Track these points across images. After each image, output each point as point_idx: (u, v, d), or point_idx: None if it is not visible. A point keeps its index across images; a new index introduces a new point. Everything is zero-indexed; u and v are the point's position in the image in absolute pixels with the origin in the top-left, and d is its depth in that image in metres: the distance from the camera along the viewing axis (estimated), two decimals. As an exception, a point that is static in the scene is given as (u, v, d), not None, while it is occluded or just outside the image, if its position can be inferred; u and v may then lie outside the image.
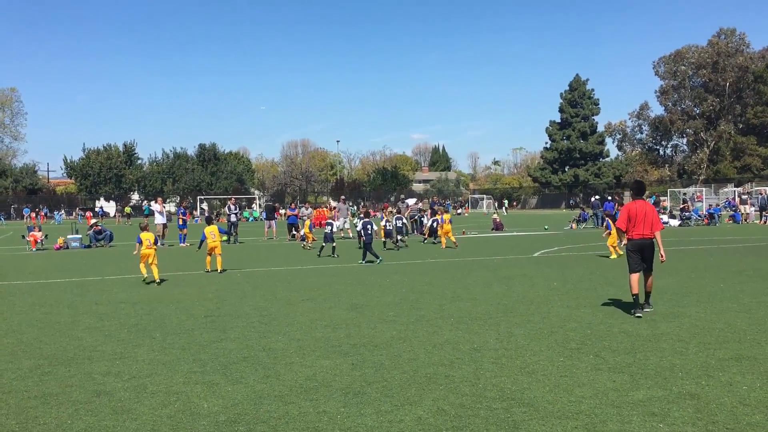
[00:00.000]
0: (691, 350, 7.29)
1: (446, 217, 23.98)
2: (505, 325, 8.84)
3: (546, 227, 37.11)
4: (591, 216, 38.89)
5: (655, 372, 6.45)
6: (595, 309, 10.02)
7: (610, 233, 18.41)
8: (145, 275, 14.34)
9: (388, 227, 23.48)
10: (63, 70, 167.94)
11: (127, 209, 66.44)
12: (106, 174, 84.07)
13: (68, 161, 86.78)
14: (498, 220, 35.67)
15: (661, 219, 37.83)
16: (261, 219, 49.73)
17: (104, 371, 6.78)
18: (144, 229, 14.80)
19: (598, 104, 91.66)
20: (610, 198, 40.36)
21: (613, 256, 17.90)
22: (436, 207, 27.28)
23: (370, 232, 18.48)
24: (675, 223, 37.67)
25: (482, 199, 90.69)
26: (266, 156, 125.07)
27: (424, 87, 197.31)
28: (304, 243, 23.69)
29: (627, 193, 77.19)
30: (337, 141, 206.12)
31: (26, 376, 6.65)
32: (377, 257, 18.13)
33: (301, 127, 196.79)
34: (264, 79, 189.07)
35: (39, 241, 25.93)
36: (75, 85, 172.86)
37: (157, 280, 14.13)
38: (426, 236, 25.69)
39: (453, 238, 23.31)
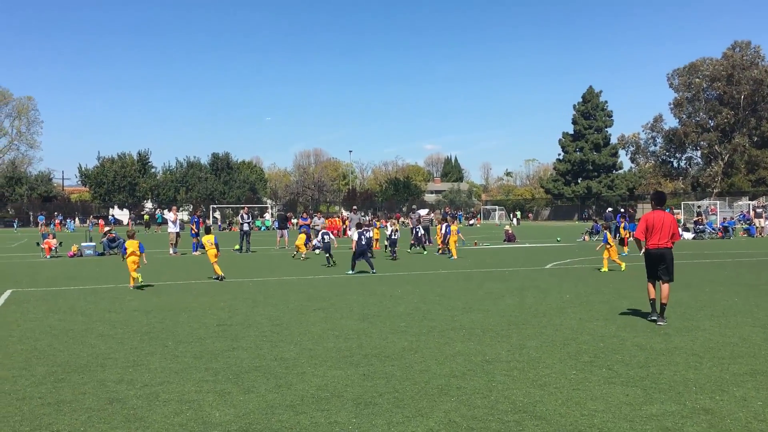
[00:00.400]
0: (705, 365, 7.23)
1: (453, 228, 24.05)
2: (517, 337, 8.81)
3: (558, 239, 36.99)
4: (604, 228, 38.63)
5: (668, 386, 6.40)
6: (608, 322, 9.97)
7: (608, 245, 18.13)
8: (141, 281, 14.73)
9: (393, 237, 23.72)
10: (78, 79, 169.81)
11: (146, 217, 66.83)
12: (120, 182, 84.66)
13: (83, 169, 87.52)
14: (510, 232, 35.58)
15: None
16: (273, 228, 49.89)
17: (117, 379, 6.82)
18: (131, 237, 15.30)
19: (612, 116, 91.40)
20: (623, 210, 40.11)
21: (604, 269, 17.81)
22: (448, 217, 27.29)
23: (364, 242, 18.53)
24: (689, 236, 37.40)
25: (494, 210, 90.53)
26: (279, 165, 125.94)
27: (436, 97, 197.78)
28: (296, 254, 23.93)
29: (640, 206, 76.84)
30: (350, 151, 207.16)
31: (40, 382, 6.70)
32: (372, 268, 18.14)
33: (314, 136, 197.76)
34: (277, 89, 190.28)
35: (53, 248, 26.13)
36: (90, 93, 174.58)
37: (140, 284, 14.67)
38: (441, 246, 25.71)
39: (454, 250, 23.41)
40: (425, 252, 26.29)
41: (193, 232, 28.54)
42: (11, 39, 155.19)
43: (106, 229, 32.11)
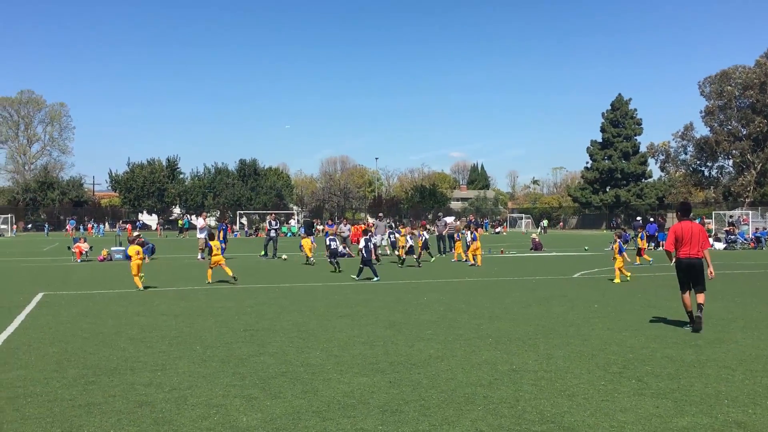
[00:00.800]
0: (737, 377, 7.10)
1: (478, 234, 24.16)
2: (545, 347, 8.73)
3: (586, 248, 36.62)
4: (633, 237, 38.21)
5: (700, 399, 6.29)
6: (637, 332, 9.83)
7: (619, 255, 17.73)
8: (141, 287, 15.60)
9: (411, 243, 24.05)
10: (109, 86, 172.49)
11: (180, 222, 67.43)
12: (149, 188, 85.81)
13: (113, 174, 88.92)
14: (537, 240, 35.32)
15: (706, 242, 37.10)
16: (299, 235, 50.11)
17: (146, 382, 6.89)
18: (132, 242, 16.41)
19: (641, 124, 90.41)
20: (652, 219, 39.62)
21: (617, 280, 17.43)
22: (471, 226, 27.25)
23: (370, 248, 18.68)
24: (720, 246, 36.80)
25: (521, 218, 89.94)
26: (305, 172, 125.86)
27: (463, 105, 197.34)
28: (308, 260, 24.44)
29: (670, 215, 75.71)
30: (376, 158, 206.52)
31: (71, 385, 6.80)
32: (376, 275, 18.18)
33: (340, 143, 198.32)
34: (304, 96, 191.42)
35: (84, 252, 26.54)
36: (121, 100, 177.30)
37: (141, 288, 15.57)
38: (464, 254, 25.68)
39: (469, 256, 23.71)
40: (432, 259, 26.35)
41: (220, 238, 28.84)
42: (45, 47, 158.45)
43: (135, 234, 32.49)
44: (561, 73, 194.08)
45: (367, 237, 19.00)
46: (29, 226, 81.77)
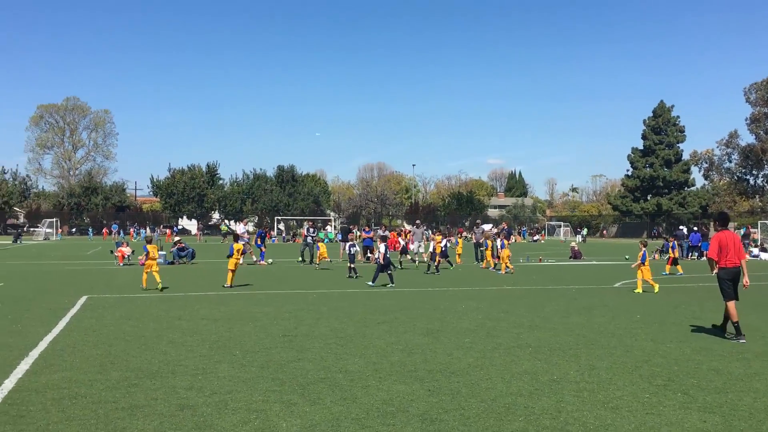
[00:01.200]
0: (788, 392, 6.87)
1: (506, 242, 24.18)
2: (586, 357, 8.58)
3: (627, 257, 35.97)
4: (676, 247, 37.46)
5: (748, 414, 6.10)
6: (681, 344, 9.60)
7: (642, 265, 17.24)
8: (146, 286, 16.77)
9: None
10: (151, 93, 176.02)
11: (224, 228, 68.19)
12: (189, 193, 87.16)
13: (154, 180, 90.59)
14: (576, 248, 34.87)
15: (751, 252, 36.18)
16: (336, 241, 50.33)
17: (187, 386, 6.96)
18: (149, 242, 17.45)
19: (684, 131, 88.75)
20: (696, 229, 38.77)
21: (638, 290, 17.00)
22: (502, 233, 27.09)
23: (388, 254, 18.77)
24: (766, 256, 35.82)
25: (559, 226, 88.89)
26: (342, 178, 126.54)
27: (500, 112, 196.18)
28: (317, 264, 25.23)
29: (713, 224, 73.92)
30: (413, 165, 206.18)
31: (114, 387, 6.90)
32: (392, 281, 18.22)
33: (378, 150, 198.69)
34: (342, 103, 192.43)
35: (126, 256, 27.04)
36: (163, 106, 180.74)
37: (160, 287, 16.43)
38: (494, 262, 25.66)
39: (500, 264, 23.72)
40: (451, 266, 26.46)
41: (258, 243, 29.21)
42: (90, 54, 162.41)
43: (176, 239, 33.01)
44: (601, 79, 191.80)
45: (386, 243, 19.17)
46: (73, 230, 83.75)
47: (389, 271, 18.63)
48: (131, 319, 11.76)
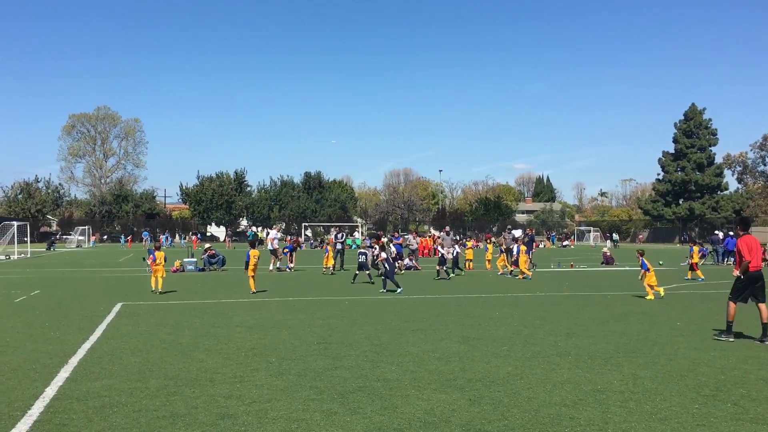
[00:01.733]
0: (844, 404, 6.62)
1: (522, 248, 24.56)
2: (629, 366, 8.38)
3: (661, 262, 35.34)
4: (710, 252, 36.83)
5: (805, 426, 5.88)
6: (726, 352, 9.35)
7: (647, 273, 16.98)
8: (154, 288, 17.77)
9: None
10: (180, 101, 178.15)
11: (261, 234, 67.98)
12: (218, 200, 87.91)
13: (183, 187, 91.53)
14: (608, 254, 34.41)
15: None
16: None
17: (226, 394, 6.93)
18: (158, 249, 18.59)
19: (716, 134, 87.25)
20: (732, 234, 38.04)
21: (650, 296, 16.64)
22: (520, 239, 27.04)
23: (392, 261, 19.50)
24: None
25: (588, 231, 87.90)
26: (369, 185, 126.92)
27: (528, 116, 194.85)
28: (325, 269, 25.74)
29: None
30: (440, 170, 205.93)
31: (154, 395, 6.89)
32: (398, 287, 18.56)
33: (404, 156, 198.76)
34: (369, 109, 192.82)
35: (158, 263, 27.25)
36: (192, 114, 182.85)
37: (160, 290, 17.56)
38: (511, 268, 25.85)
39: (520, 269, 24.06)
40: (462, 273, 26.70)
41: (285, 252, 29.35)
42: (120, 64, 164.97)
43: (206, 246, 33.27)
44: (629, 82, 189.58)
45: (363, 251, 20.28)
46: (105, 237, 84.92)
47: (366, 271, 20.26)
48: (166, 326, 11.81)
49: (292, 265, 28.63)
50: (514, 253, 25.39)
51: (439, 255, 24.63)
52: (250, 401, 6.66)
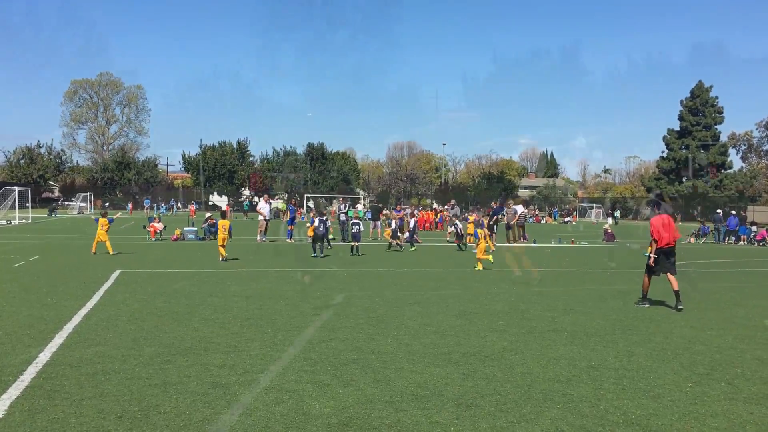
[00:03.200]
0: (839, 385, 6.60)
1: (482, 232, 24.76)
2: (624, 343, 8.36)
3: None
4: (712, 230, 36.76)
5: (798, 407, 5.86)
6: (722, 331, 9.32)
7: (478, 243, 17.65)
8: (112, 252, 19.21)
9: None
10: (183, 69, 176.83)
11: (283, 206, 66.37)
12: (220, 170, 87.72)
13: (186, 156, 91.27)
14: (610, 231, 34.32)
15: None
16: (366, 219, 50.33)
17: (219, 363, 6.92)
18: (104, 215, 20.44)
19: (722, 113, 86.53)
20: (734, 213, 37.94)
21: (479, 267, 17.01)
22: (479, 214, 27.42)
23: (322, 228, 20.40)
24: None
25: (591, 207, 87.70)
26: (372, 157, 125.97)
27: (533, 91, 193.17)
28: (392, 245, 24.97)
29: (750, 208, 72.37)
30: (443, 144, 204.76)
31: (147, 363, 6.88)
32: (321, 253, 20.00)
33: (408, 128, 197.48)
34: (371, 82, 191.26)
35: (158, 231, 27.29)
36: (194, 83, 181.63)
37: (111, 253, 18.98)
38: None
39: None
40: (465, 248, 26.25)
41: (288, 219, 29.26)
42: (125, 30, 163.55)
43: (207, 215, 33.22)
44: (636, 59, 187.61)
45: (323, 219, 20.78)
46: (107, 204, 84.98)
47: (320, 243, 20.44)
48: (163, 294, 11.80)
49: (290, 240, 28.57)
50: (460, 228, 25.52)
51: (457, 228, 25.04)
52: (243, 371, 6.65)
